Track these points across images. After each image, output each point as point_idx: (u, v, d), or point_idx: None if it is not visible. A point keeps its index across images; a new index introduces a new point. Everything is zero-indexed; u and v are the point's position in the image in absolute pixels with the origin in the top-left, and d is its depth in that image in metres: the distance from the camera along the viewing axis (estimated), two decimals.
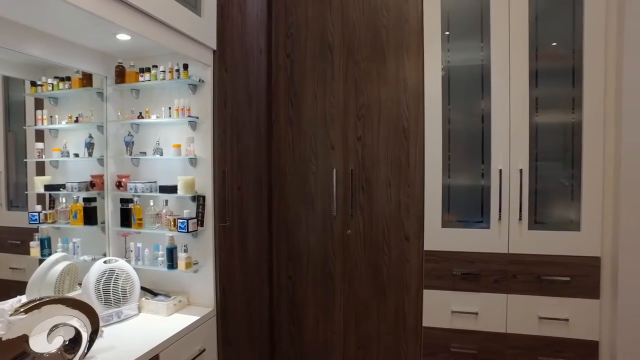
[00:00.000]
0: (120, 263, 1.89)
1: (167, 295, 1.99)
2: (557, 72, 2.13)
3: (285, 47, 2.43)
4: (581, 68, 2.06)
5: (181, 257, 1.93)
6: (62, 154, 2.00)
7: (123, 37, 1.75)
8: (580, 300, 2.08)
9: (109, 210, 2.07)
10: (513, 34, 2.12)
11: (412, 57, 2.25)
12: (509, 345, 2.16)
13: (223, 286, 2.03)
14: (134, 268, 1.94)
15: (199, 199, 1.98)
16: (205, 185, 1.99)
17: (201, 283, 2.00)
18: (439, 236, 2.21)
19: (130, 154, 2.07)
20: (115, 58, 2.02)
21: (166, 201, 2.01)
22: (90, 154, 2.04)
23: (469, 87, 2.21)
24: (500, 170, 2.14)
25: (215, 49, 1.97)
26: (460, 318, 2.20)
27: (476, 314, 2.18)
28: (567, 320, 2.09)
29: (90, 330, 1.46)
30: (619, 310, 1.98)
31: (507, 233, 2.14)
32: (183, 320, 1.83)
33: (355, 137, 2.33)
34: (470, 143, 2.22)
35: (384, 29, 2.29)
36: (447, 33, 2.21)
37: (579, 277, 2.07)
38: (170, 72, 1.97)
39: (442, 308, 2.22)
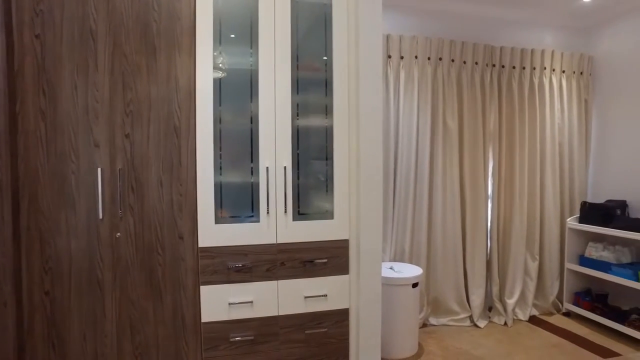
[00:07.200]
0: None
1: None
2: (314, 82, 2.46)
3: (34, 26, 2.09)
4: (332, 80, 2.43)
5: None
6: None
7: None
8: (335, 277, 2.46)
9: None
10: (278, 45, 2.35)
11: (185, 56, 2.25)
12: (281, 325, 2.39)
13: None
14: None
15: None
16: None
17: None
18: (213, 232, 2.28)
19: None
20: None
21: None
22: None
23: (240, 90, 2.35)
24: (267, 168, 2.34)
25: None
26: (238, 308, 2.32)
27: (251, 302, 2.34)
28: (326, 295, 2.44)
29: None
30: (361, 280, 2.44)
31: (275, 225, 2.36)
32: None
33: (123, 134, 2.18)
34: (240, 142, 2.35)
35: (154, 23, 2.21)
36: (220, 36, 2.29)
37: (333, 258, 2.45)
38: None
39: (219, 302, 2.30)
